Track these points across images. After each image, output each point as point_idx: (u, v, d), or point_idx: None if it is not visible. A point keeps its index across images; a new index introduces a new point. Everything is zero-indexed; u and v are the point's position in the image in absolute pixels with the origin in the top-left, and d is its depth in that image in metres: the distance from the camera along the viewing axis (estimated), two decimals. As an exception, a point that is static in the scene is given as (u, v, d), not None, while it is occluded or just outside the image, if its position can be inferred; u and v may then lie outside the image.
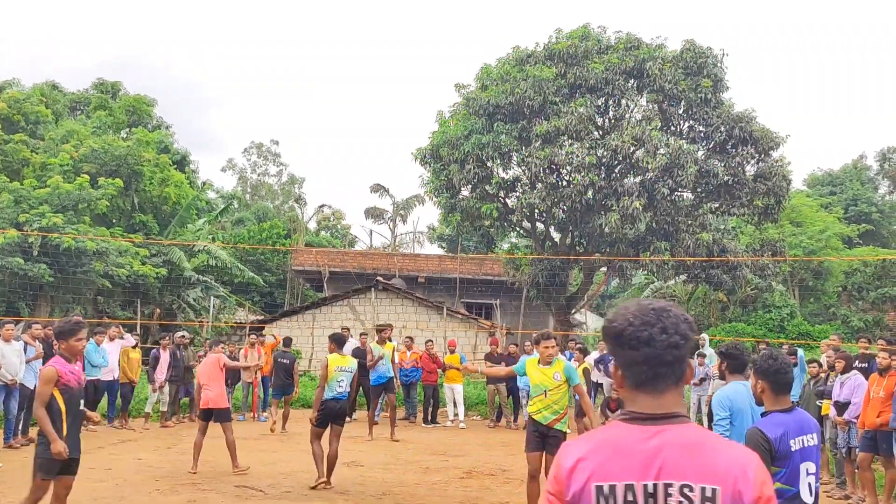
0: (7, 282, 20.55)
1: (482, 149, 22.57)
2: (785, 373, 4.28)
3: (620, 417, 2.18)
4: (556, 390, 7.94)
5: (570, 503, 2.08)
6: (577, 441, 2.21)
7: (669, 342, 2.12)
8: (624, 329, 2.15)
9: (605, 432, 2.17)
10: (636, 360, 2.14)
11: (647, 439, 2.08)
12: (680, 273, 24.43)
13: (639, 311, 2.17)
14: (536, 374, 8.03)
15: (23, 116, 28.89)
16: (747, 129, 22.53)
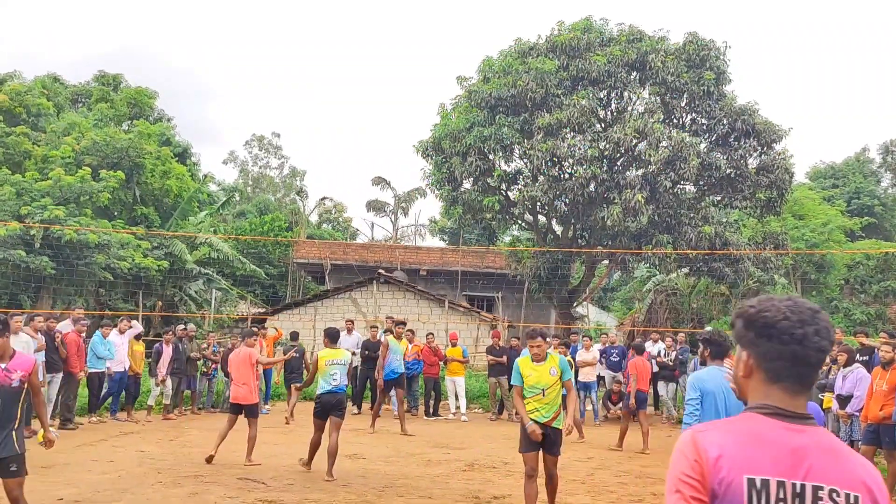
0: (9, 274, 20.56)
1: (484, 141, 22.53)
2: None
3: (758, 410, 2.12)
4: (553, 387, 7.71)
5: (716, 492, 2.02)
6: (713, 429, 2.14)
7: (820, 345, 2.09)
8: (778, 321, 2.09)
9: (744, 423, 2.11)
10: (781, 355, 2.09)
11: (792, 437, 2.05)
12: (682, 266, 24.40)
13: (795, 308, 2.12)
14: (532, 374, 7.74)
15: (24, 109, 28.86)
16: (750, 122, 22.48)
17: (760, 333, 2.12)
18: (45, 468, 10.02)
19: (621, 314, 37.26)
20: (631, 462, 12.08)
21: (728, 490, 2.00)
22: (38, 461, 10.45)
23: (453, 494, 9.20)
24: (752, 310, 2.16)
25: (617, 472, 11.04)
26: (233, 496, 8.63)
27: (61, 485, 9.00)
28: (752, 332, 2.15)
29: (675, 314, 28.36)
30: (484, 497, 9.10)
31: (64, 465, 10.33)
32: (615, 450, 13.20)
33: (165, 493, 8.69)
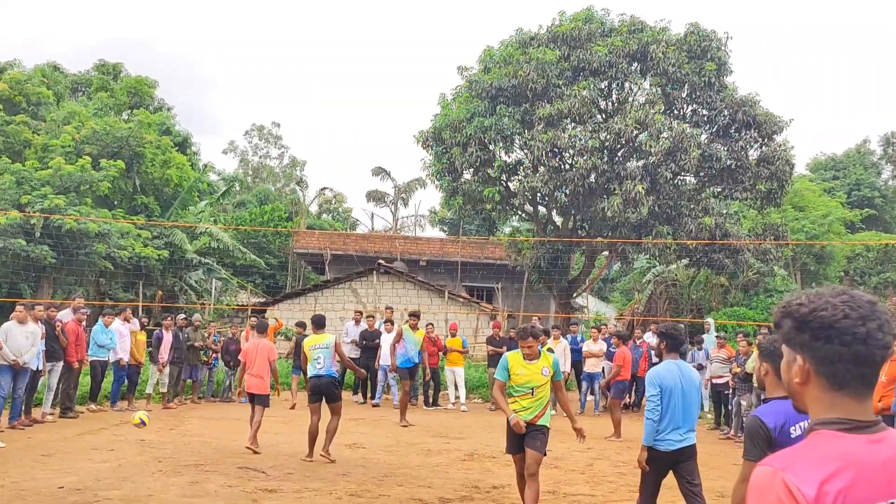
0: (9, 263, 20.58)
1: (484, 132, 22.51)
2: None
3: (835, 426, 1.85)
4: (544, 387, 7.30)
5: None
6: (798, 458, 1.82)
7: (884, 342, 1.86)
8: (836, 321, 1.85)
9: (827, 445, 1.82)
10: (842, 357, 1.84)
11: (875, 451, 1.83)
12: (682, 257, 24.43)
13: (853, 303, 1.88)
14: (523, 373, 7.29)
15: (24, 97, 28.83)
16: (750, 113, 22.48)
17: (817, 335, 1.88)
18: (45, 456, 10.05)
19: (621, 305, 37.29)
20: (630, 452, 12.09)
21: None
22: (39, 449, 10.51)
23: (453, 484, 9.23)
24: (804, 308, 1.92)
25: (616, 462, 11.07)
26: (233, 485, 8.65)
27: (62, 473, 9.02)
28: (805, 333, 1.90)
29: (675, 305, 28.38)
30: (483, 486, 9.12)
31: (64, 453, 10.36)
32: (612, 439, 13.21)
33: (165, 482, 8.71)
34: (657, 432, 6.42)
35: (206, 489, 8.43)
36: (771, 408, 4.16)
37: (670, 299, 28.69)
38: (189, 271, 27.17)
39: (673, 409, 6.41)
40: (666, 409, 6.40)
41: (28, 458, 9.89)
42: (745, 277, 25.82)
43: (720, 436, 14.61)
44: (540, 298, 29.83)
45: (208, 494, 8.20)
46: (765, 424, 4.04)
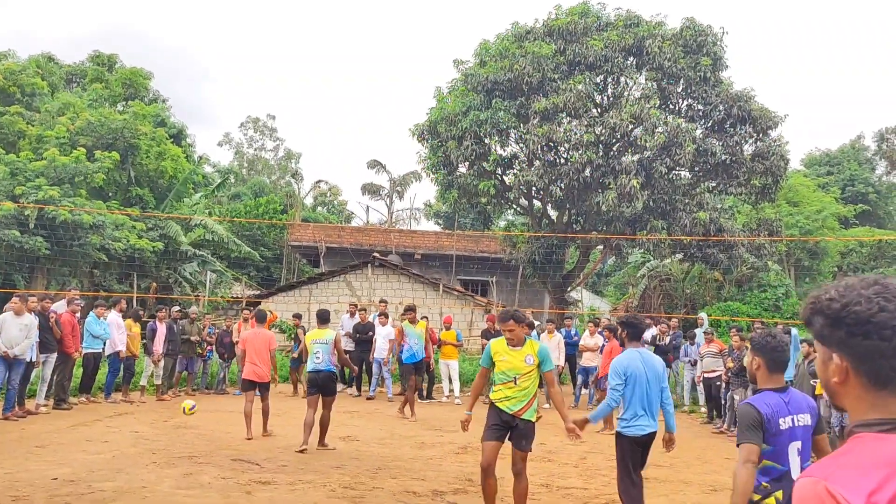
0: (3, 254, 20.52)
1: (480, 125, 22.50)
2: (781, 351, 4.32)
3: (874, 428, 1.70)
4: (528, 376, 6.95)
5: None
6: (841, 466, 1.65)
7: None
8: (872, 314, 1.71)
9: (872, 450, 1.66)
10: (883, 353, 1.70)
11: None
12: (676, 252, 24.47)
13: (888, 293, 1.73)
14: (505, 359, 7.00)
15: (18, 88, 28.70)
16: (746, 109, 22.50)
17: (853, 332, 1.73)
18: (39, 448, 10.06)
19: (615, 299, 37.36)
20: (623, 446, 12.15)
21: None
22: (33, 441, 10.52)
23: (446, 477, 9.25)
24: (836, 304, 1.77)
25: (609, 455, 11.04)
26: (227, 477, 8.67)
27: (56, 464, 9.03)
28: (841, 330, 1.75)
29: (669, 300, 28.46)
30: (477, 480, 9.11)
31: (58, 444, 10.36)
32: (605, 433, 13.22)
33: (160, 474, 8.73)
34: (627, 420, 6.65)
35: (199, 481, 8.44)
36: (763, 398, 4.27)
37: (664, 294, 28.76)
38: (184, 263, 27.13)
39: (640, 396, 6.65)
40: (632, 397, 6.64)
41: (22, 450, 9.89)
42: (739, 272, 25.90)
43: (713, 430, 14.65)
44: (534, 292, 29.88)
45: (202, 486, 8.21)
46: (759, 411, 4.14)
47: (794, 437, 4.18)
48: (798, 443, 4.19)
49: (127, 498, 7.58)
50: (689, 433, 14.01)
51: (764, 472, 4.14)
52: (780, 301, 26.33)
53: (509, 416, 6.99)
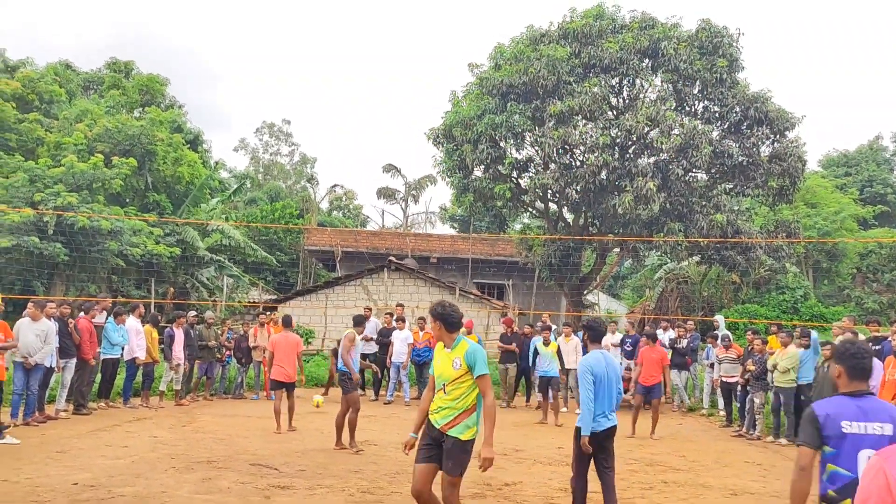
0: (23, 261, 20.66)
1: (495, 129, 22.49)
2: (861, 358, 4.24)
3: None
4: (457, 383, 5.91)
5: None
6: None
7: None
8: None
9: None
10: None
11: None
12: (693, 254, 24.35)
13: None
14: (438, 363, 6.14)
15: (37, 96, 28.96)
16: (763, 110, 22.37)
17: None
18: (59, 453, 10.12)
19: (632, 302, 37.23)
20: (641, 450, 12.11)
21: None
22: (53, 446, 10.58)
23: (465, 481, 9.18)
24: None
25: (627, 459, 11.06)
26: (245, 482, 8.69)
27: (76, 469, 9.07)
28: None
29: (686, 302, 28.32)
30: (495, 484, 9.12)
31: (78, 449, 10.42)
32: (629, 437, 13.18)
33: (178, 479, 8.76)
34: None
35: (218, 486, 8.47)
36: (828, 401, 4.27)
37: (681, 296, 28.62)
38: (201, 268, 27.25)
39: (602, 394, 7.07)
40: (596, 395, 7.03)
41: (42, 455, 9.95)
42: (757, 274, 25.75)
43: (732, 433, 14.56)
44: (551, 295, 29.81)
45: (221, 491, 8.23)
46: (814, 413, 4.17)
47: (865, 444, 4.02)
48: (870, 451, 3.98)
49: (147, 503, 7.61)
50: (707, 436, 13.95)
51: (831, 479, 4.03)
52: (798, 303, 26.14)
53: (437, 432, 5.97)
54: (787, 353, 13.43)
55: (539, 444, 12.25)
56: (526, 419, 15.67)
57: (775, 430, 13.71)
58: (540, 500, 8.42)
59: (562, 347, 17.09)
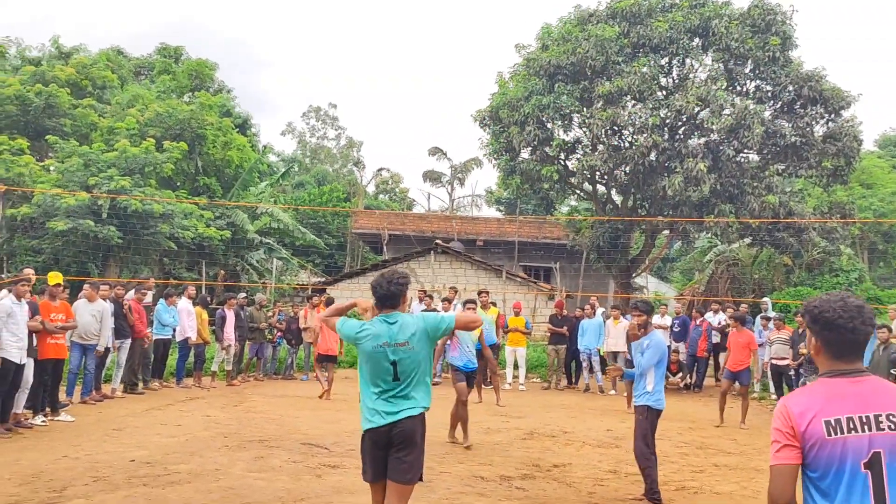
0: (79, 243, 21.09)
1: (542, 110, 22.33)
2: None
3: (827, 375, 2.99)
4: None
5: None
6: (800, 394, 3.04)
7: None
8: (834, 319, 2.94)
9: (822, 385, 2.98)
10: (833, 341, 2.97)
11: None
12: (744, 236, 23.98)
13: (846, 307, 2.95)
14: None
15: (90, 81, 29.45)
16: (817, 89, 21.87)
17: (821, 327, 3.01)
18: (116, 430, 10.36)
19: (681, 285, 36.84)
20: (691, 433, 12.01)
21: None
22: (111, 424, 10.84)
23: (513, 462, 9.25)
24: (816, 310, 3.01)
25: (678, 442, 10.98)
26: (296, 460, 8.80)
27: (133, 447, 9.28)
28: (817, 325, 3.01)
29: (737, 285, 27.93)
30: (544, 465, 9.13)
31: (134, 428, 10.66)
32: (717, 427, 12.83)
33: (231, 457, 8.91)
34: (657, 395, 7.71)
35: (270, 464, 8.60)
36: None
37: (732, 279, 28.23)
38: (250, 251, 27.54)
39: (662, 373, 7.79)
40: (660, 374, 7.72)
41: (99, 433, 10.20)
42: (810, 256, 25.26)
43: (784, 417, 14.32)
44: (599, 278, 29.60)
45: (273, 469, 8.36)
46: None
47: None
48: None
49: (201, 480, 7.75)
50: (759, 420, 13.76)
51: None
52: (852, 286, 25.64)
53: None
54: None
55: (588, 427, 12.22)
56: (573, 401, 15.62)
57: (828, 413, 13.45)
58: (589, 482, 8.41)
59: (610, 330, 17.04)
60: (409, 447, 5.00)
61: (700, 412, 14.48)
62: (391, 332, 5.04)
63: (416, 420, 5.04)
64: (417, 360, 5.07)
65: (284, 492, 7.39)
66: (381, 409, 4.99)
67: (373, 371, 5.03)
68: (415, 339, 5.06)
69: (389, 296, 5.14)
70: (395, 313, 5.15)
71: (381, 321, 5.11)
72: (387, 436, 4.99)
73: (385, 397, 5.02)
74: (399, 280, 5.18)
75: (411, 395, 5.04)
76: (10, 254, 21.84)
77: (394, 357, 4.99)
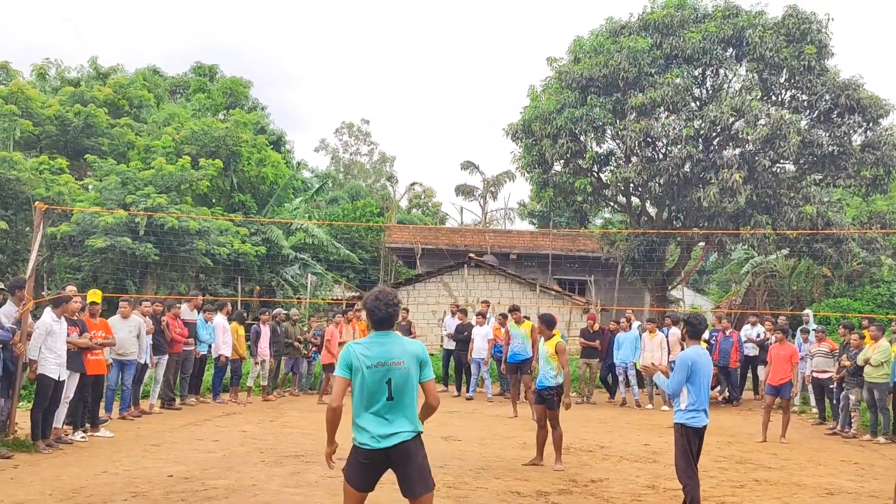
0: (117, 260, 21.37)
1: (575, 123, 22.28)
2: None
3: None
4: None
5: None
6: None
7: None
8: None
9: None
10: None
11: None
12: (782, 247, 23.68)
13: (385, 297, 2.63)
14: None
15: (127, 101, 29.92)
16: (854, 97, 21.61)
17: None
18: (154, 446, 10.44)
19: (717, 297, 36.43)
20: (730, 447, 11.83)
21: None
22: (148, 439, 10.93)
23: (550, 477, 9.18)
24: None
25: (716, 457, 10.82)
26: (332, 476, 8.75)
27: (170, 462, 9.35)
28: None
29: (774, 297, 27.57)
30: (581, 480, 9.04)
31: (172, 443, 10.73)
32: (759, 442, 12.56)
33: (268, 472, 8.93)
34: (691, 412, 7.27)
35: (307, 479, 8.61)
36: None
37: (769, 291, 27.88)
38: (285, 267, 27.72)
39: (700, 389, 7.27)
40: (696, 390, 7.24)
41: (138, 448, 10.29)
42: (850, 267, 24.87)
43: (826, 431, 14.09)
44: (634, 291, 29.39)
45: (309, 485, 8.37)
46: None
47: None
48: None
49: (238, 495, 7.78)
50: (800, 434, 13.54)
51: None
52: (894, 297, 25.17)
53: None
54: (878, 347, 12.93)
55: (625, 441, 12.09)
56: (610, 416, 15.48)
57: (872, 427, 13.21)
58: (627, 497, 8.31)
59: (646, 343, 16.87)
60: (412, 465, 5.05)
61: (739, 426, 14.28)
62: (386, 351, 5.07)
63: (411, 443, 5.06)
64: (411, 379, 5.10)
65: (321, 507, 7.39)
66: (375, 432, 5.01)
67: (367, 390, 5.03)
68: (409, 360, 5.09)
69: (388, 318, 5.18)
70: (390, 332, 5.20)
71: (375, 341, 5.14)
72: (384, 460, 5.06)
73: (378, 417, 5.04)
74: (396, 301, 5.25)
75: (405, 414, 5.07)
76: (51, 271, 22.19)
77: (389, 376, 5.02)
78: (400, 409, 5.04)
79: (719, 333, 17.61)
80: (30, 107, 25.34)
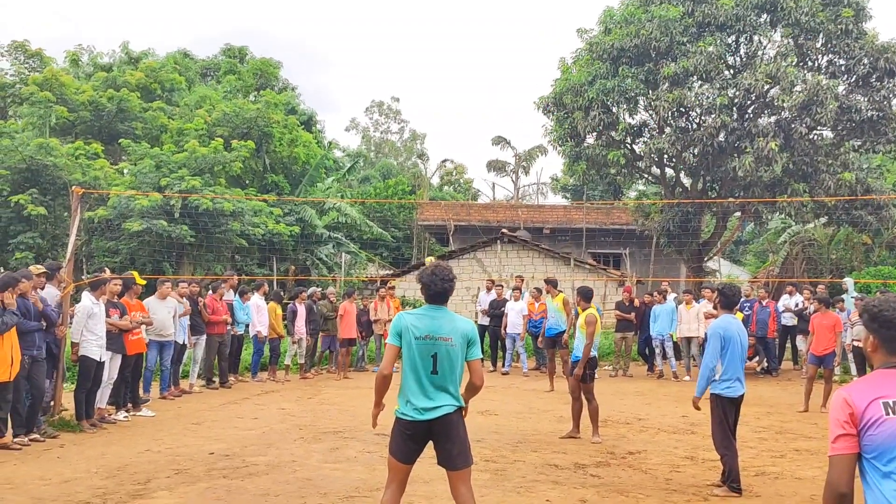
0: (153, 243, 21.62)
1: (607, 94, 22.04)
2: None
3: (885, 366, 3.15)
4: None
5: None
6: (861, 383, 3.18)
7: None
8: (892, 318, 3.14)
9: (882, 375, 3.13)
10: (893, 338, 3.15)
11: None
12: (820, 215, 23.31)
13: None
14: None
15: (159, 85, 30.15)
16: (893, 60, 21.10)
17: (881, 325, 3.17)
18: (195, 424, 10.59)
19: (754, 268, 36.04)
20: (770, 417, 11.74)
21: None
22: (190, 418, 11.09)
23: (588, 450, 9.17)
24: (875, 309, 3.19)
25: (756, 427, 10.74)
26: (371, 451, 8.87)
27: (211, 440, 9.48)
28: (875, 323, 3.18)
29: (813, 266, 27.20)
30: (619, 453, 9.03)
31: (212, 421, 10.88)
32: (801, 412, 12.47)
33: (307, 448, 9.03)
34: (726, 382, 7.24)
35: (345, 455, 8.68)
36: None
37: (808, 260, 27.50)
38: (319, 246, 27.85)
39: (734, 359, 7.24)
40: (729, 360, 7.22)
41: (179, 427, 10.44)
42: (891, 234, 24.43)
43: (867, 400, 13.87)
44: (670, 263, 29.16)
45: (348, 460, 8.44)
46: None
47: None
48: None
49: (278, 471, 7.87)
50: (841, 404, 13.36)
51: None
52: (936, 264, 24.73)
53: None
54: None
55: (662, 413, 12.04)
56: (647, 388, 15.41)
57: (914, 396, 12.97)
58: (666, 468, 8.28)
59: (683, 315, 16.75)
60: (453, 439, 5.09)
61: (778, 396, 14.15)
62: (436, 325, 5.12)
63: (453, 416, 5.10)
64: (457, 356, 5.13)
65: (360, 482, 7.45)
66: (418, 405, 5.06)
67: (413, 362, 5.10)
68: (457, 337, 5.13)
69: (442, 293, 5.24)
70: (442, 307, 5.26)
71: (426, 314, 5.21)
72: (426, 432, 5.11)
73: (423, 389, 5.09)
74: (451, 277, 5.30)
75: (448, 390, 5.11)
76: (89, 255, 22.49)
77: (434, 350, 5.07)
78: (443, 385, 5.09)
79: (756, 303, 17.42)
80: (64, 93, 25.63)
